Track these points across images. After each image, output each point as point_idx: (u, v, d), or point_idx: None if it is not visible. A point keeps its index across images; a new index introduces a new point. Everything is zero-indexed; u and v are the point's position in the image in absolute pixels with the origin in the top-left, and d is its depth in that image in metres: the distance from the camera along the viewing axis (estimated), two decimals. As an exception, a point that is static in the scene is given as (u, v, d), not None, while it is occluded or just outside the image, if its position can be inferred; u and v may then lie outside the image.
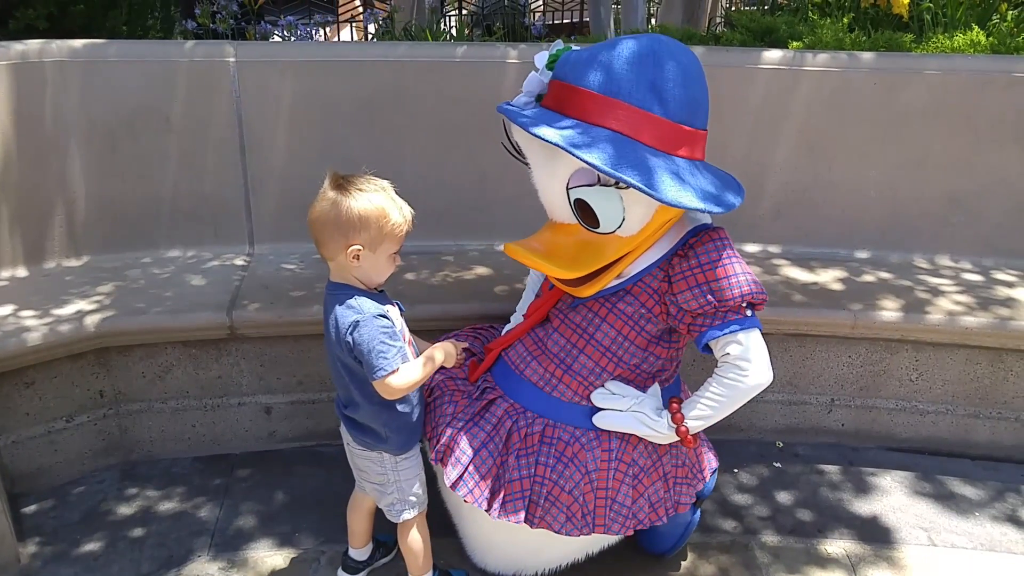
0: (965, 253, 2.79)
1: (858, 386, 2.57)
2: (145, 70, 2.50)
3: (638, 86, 1.51)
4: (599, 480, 1.77)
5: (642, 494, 1.81)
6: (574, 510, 1.75)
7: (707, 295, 1.64)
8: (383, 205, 1.59)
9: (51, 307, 2.27)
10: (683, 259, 1.68)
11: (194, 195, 2.61)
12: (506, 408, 1.82)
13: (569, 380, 1.79)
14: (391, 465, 1.80)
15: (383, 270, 1.68)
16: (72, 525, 2.22)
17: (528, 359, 1.84)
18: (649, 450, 1.81)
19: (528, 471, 1.75)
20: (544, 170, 1.64)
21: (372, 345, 1.60)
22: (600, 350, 1.76)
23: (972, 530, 2.30)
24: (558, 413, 1.80)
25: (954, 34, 2.98)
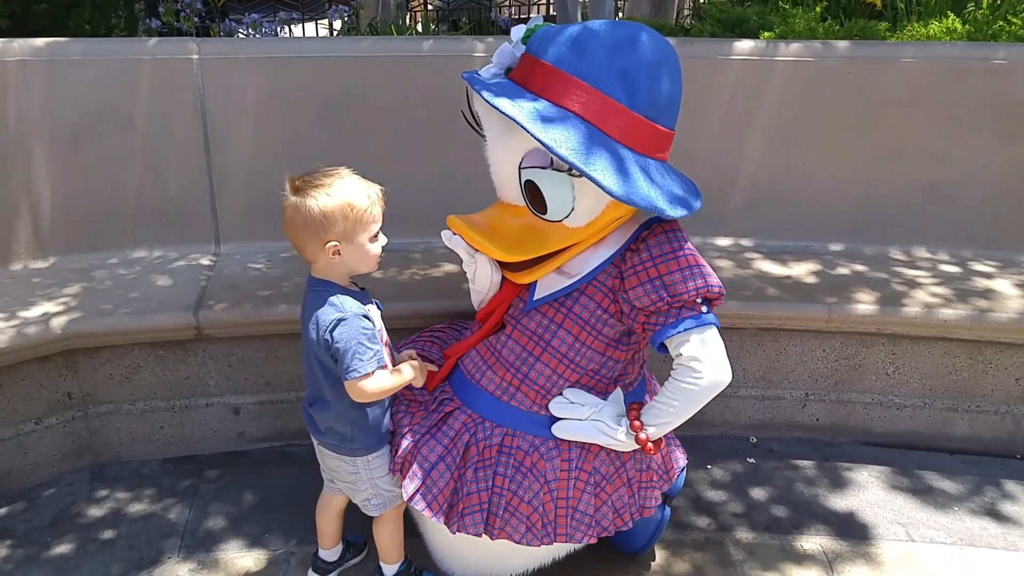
0: (942, 244, 2.76)
1: (833, 380, 2.55)
2: (108, 69, 2.48)
3: (607, 70, 1.45)
4: (559, 490, 1.72)
5: (605, 501, 1.77)
6: (534, 520, 1.71)
7: (659, 290, 1.56)
8: (343, 195, 1.56)
9: (17, 309, 2.26)
10: (635, 253, 1.61)
11: (159, 195, 2.59)
12: (464, 420, 1.78)
13: (527, 390, 1.74)
14: (362, 464, 1.79)
15: (368, 256, 1.65)
16: (42, 527, 2.21)
17: (483, 368, 1.80)
18: (611, 457, 1.77)
19: (486, 483, 1.71)
20: (498, 145, 1.59)
21: (350, 345, 1.59)
22: (557, 357, 1.71)
23: (951, 525, 2.27)
24: (517, 422, 1.75)
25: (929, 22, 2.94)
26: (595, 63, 1.45)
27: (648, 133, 1.50)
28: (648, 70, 1.47)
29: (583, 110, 1.46)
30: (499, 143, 1.58)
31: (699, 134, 2.67)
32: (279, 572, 2.06)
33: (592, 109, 1.46)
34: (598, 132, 1.46)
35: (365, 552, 2.08)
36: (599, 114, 1.46)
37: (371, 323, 1.65)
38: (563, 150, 1.39)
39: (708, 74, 2.63)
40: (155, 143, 2.55)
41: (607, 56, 1.45)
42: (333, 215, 1.55)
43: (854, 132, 2.66)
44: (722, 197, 2.74)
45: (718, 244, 2.78)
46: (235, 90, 2.55)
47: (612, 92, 1.46)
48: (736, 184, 2.73)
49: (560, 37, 1.50)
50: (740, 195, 2.74)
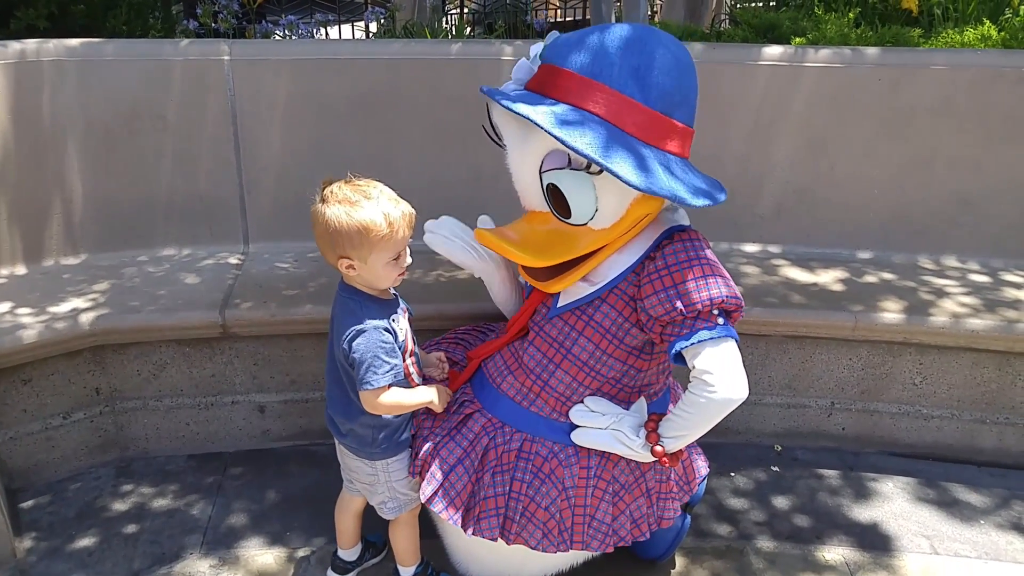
0: (973, 254, 2.72)
1: (859, 389, 2.52)
2: (141, 69, 2.51)
3: (620, 69, 1.47)
4: (577, 497, 1.72)
5: (623, 511, 1.76)
6: (550, 527, 1.71)
7: (673, 300, 1.53)
8: (361, 217, 1.53)
9: (48, 305, 2.29)
10: (652, 261, 1.60)
11: (189, 193, 2.62)
12: (483, 424, 1.78)
13: (547, 396, 1.74)
14: (381, 467, 1.80)
15: (383, 277, 1.63)
16: (68, 521, 2.24)
17: (505, 373, 1.80)
18: (632, 466, 1.75)
19: (503, 488, 1.71)
20: (518, 151, 1.59)
21: (366, 357, 1.59)
22: (578, 365, 1.70)
23: (976, 538, 2.24)
24: (536, 427, 1.75)
25: (964, 29, 2.91)
26: (608, 62, 1.47)
27: (666, 128, 1.51)
28: (659, 66, 1.48)
29: (602, 111, 1.47)
30: (518, 150, 1.58)
31: (728, 139, 2.66)
32: (299, 570, 2.08)
33: (611, 109, 1.47)
34: (618, 131, 1.46)
35: (384, 552, 2.09)
36: (617, 113, 1.47)
37: (392, 337, 1.64)
38: (579, 144, 1.40)
39: (737, 79, 2.62)
40: (186, 143, 2.58)
41: (619, 55, 1.47)
42: (348, 234, 1.54)
43: (884, 139, 2.63)
44: (750, 203, 2.72)
45: (745, 250, 2.76)
46: (265, 91, 2.57)
47: (625, 89, 1.47)
48: (764, 190, 2.71)
49: (573, 43, 1.52)
50: (768, 201, 2.72)
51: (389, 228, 1.55)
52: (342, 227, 1.53)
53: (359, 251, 1.56)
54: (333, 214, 1.53)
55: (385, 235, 1.54)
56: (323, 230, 1.56)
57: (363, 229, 1.53)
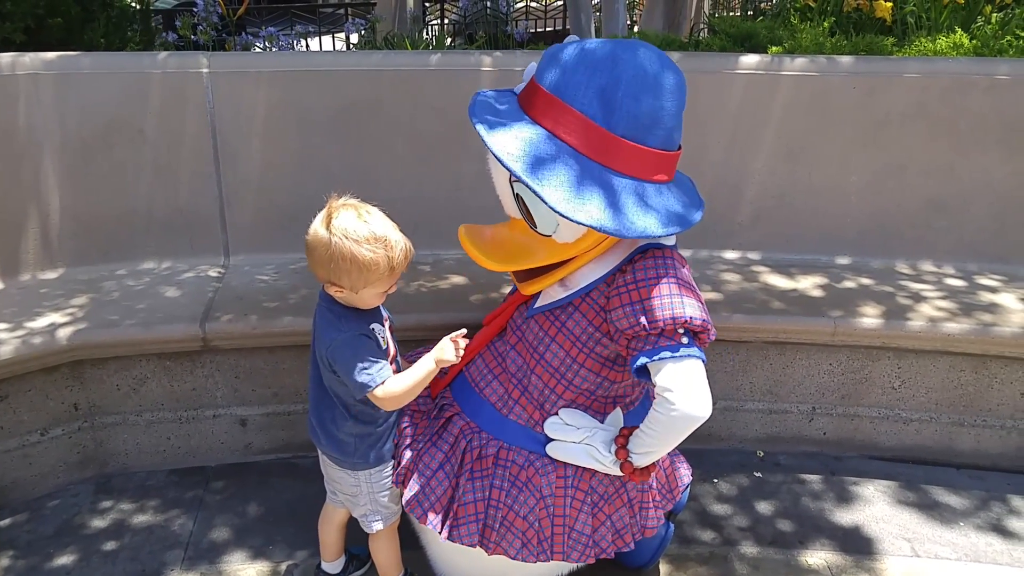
0: (948, 258, 2.76)
1: (840, 394, 2.54)
2: (119, 82, 2.49)
3: (587, 90, 1.42)
4: (555, 507, 1.71)
5: (603, 522, 1.75)
6: (529, 536, 1.70)
7: (639, 315, 1.52)
8: (366, 257, 1.52)
9: (24, 320, 2.27)
10: (623, 274, 1.58)
11: (169, 207, 2.60)
12: (461, 427, 1.78)
13: (525, 402, 1.74)
14: (364, 478, 1.79)
15: (367, 303, 1.64)
16: (46, 538, 2.21)
17: (488, 377, 1.80)
18: (610, 477, 1.74)
19: (482, 494, 1.70)
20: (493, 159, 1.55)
21: (355, 363, 1.59)
22: (550, 371, 1.70)
23: (956, 540, 2.26)
24: (513, 436, 1.74)
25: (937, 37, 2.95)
26: (575, 82, 1.43)
27: (635, 155, 1.44)
28: (625, 88, 1.42)
29: (574, 140, 1.44)
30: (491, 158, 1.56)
31: (706, 147, 2.68)
32: (283, 584, 2.07)
33: (580, 137, 1.43)
34: (590, 163, 1.43)
35: (369, 564, 2.07)
36: (586, 142, 1.43)
37: (372, 340, 1.64)
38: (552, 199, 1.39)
39: (715, 88, 2.64)
40: (165, 155, 2.56)
41: (587, 75, 1.43)
42: (348, 269, 1.53)
43: (860, 146, 2.67)
44: (729, 211, 2.74)
45: (725, 257, 2.79)
46: (245, 103, 2.56)
47: (589, 111, 1.42)
48: (743, 198, 2.73)
49: (555, 58, 1.50)
50: (747, 209, 2.74)
51: (390, 270, 1.57)
52: (344, 260, 1.52)
53: (354, 283, 1.57)
54: (336, 245, 1.52)
55: (384, 275, 1.57)
56: (322, 255, 1.55)
57: (364, 268, 1.53)
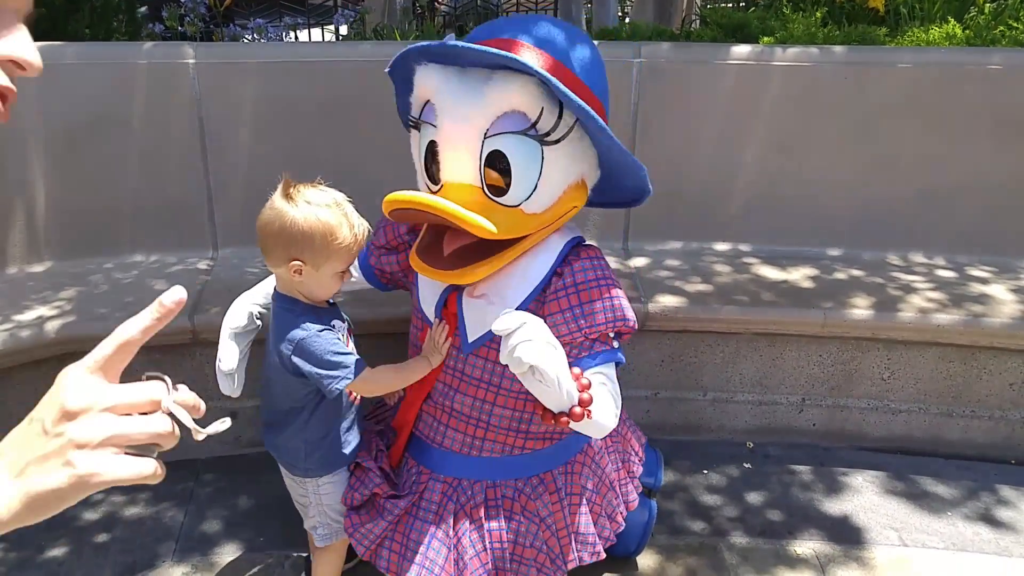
0: (939, 250, 2.76)
1: (829, 385, 2.55)
2: (103, 73, 2.47)
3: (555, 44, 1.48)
4: (557, 523, 1.70)
5: (600, 513, 1.77)
6: (541, 560, 1.68)
7: (578, 319, 1.50)
8: (331, 221, 1.49)
9: (12, 313, 2.26)
10: (559, 278, 1.55)
11: (156, 199, 2.59)
12: (442, 489, 1.70)
13: (493, 436, 1.68)
14: (312, 488, 1.76)
15: (327, 287, 1.59)
16: (37, 531, 2.21)
17: (440, 428, 1.71)
18: (592, 467, 1.75)
19: (482, 544, 1.66)
20: (463, 110, 1.42)
21: (323, 360, 1.53)
22: (514, 396, 1.62)
23: (944, 530, 2.28)
24: (493, 471, 1.70)
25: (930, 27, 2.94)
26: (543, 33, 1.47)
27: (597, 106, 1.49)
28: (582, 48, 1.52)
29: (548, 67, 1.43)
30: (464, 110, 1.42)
31: (697, 138, 2.67)
32: (273, 575, 2.07)
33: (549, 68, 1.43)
34: None
35: (357, 559, 2.07)
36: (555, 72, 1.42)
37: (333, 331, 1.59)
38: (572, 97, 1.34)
39: (706, 79, 2.63)
40: (152, 147, 2.54)
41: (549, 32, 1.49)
42: (311, 236, 1.48)
43: (852, 137, 2.66)
44: (720, 202, 2.74)
45: (716, 249, 2.78)
46: (232, 95, 2.54)
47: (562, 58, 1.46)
48: (734, 189, 2.72)
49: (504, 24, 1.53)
50: (738, 200, 2.74)
51: (353, 239, 1.52)
52: (307, 228, 1.47)
53: (316, 256, 1.51)
54: (301, 214, 1.48)
55: (347, 244, 1.51)
56: (282, 228, 1.48)
57: (328, 233, 1.48)
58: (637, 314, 2.33)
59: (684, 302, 2.41)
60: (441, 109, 1.44)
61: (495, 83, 1.40)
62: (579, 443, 1.78)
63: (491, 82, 1.41)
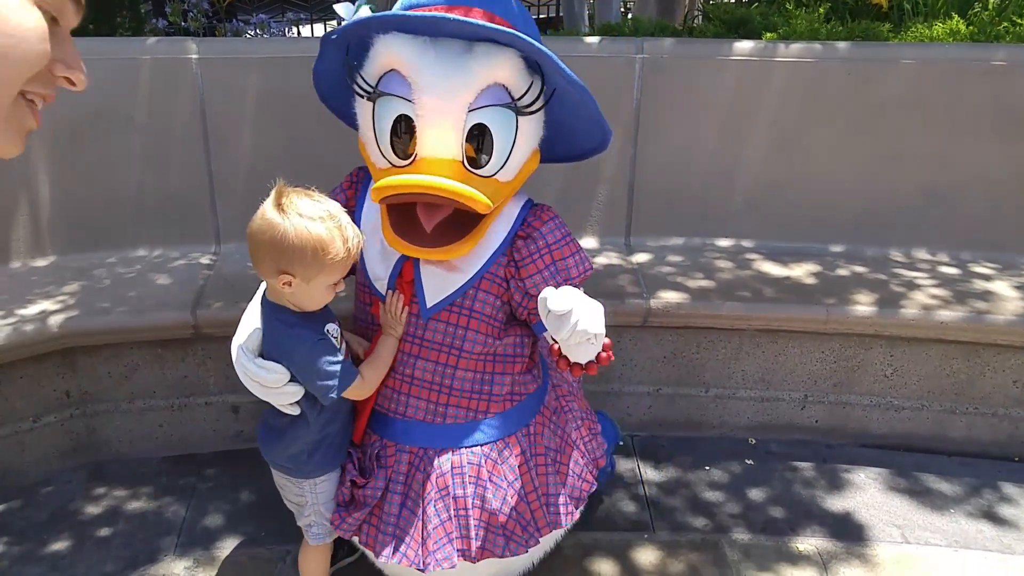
0: (942, 246, 2.75)
1: (832, 382, 2.54)
2: (107, 68, 2.47)
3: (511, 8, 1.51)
4: (525, 486, 1.70)
5: (568, 472, 1.77)
6: (510, 527, 1.66)
7: (555, 276, 1.60)
8: (323, 235, 1.43)
9: (16, 307, 2.26)
10: (529, 240, 1.61)
11: (159, 194, 2.59)
12: (408, 459, 1.69)
13: (456, 401, 1.68)
14: (309, 488, 1.75)
15: (317, 299, 1.55)
16: (40, 525, 2.22)
17: (401, 398, 1.70)
18: (552, 427, 1.77)
19: (447, 513, 1.64)
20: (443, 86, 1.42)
21: (321, 369, 1.52)
22: (475, 358, 1.66)
23: (947, 527, 2.27)
24: (458, 438, 1.69)
25: (933, 23, 2.93)
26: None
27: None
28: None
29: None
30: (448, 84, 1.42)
31: (699, 134, 2.67)
32: (274, 570, 2.08)
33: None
34: None
35: (360, 553, 2.07)
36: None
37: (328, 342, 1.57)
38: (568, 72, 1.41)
39: (708, 74, 2.62)
40: (155, 142, 2.54)
41: None
42: (303, 251, 1.43)
43: (854, 133, 2.65)
44: (722, 198, 2.73)
45: (718, 245, 2.77)
46: (235, 90, 2.54)
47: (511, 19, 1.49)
48: (736, 185, 2.72)
49: None
50: (740, 196, 2.73)
51: (346, 252, 1.47)
52: (299, 242, 1.42)
53: (307, 270, 1.46)
54: (292, 226, 1.42)
55: (341, 259, 1.47)
56: (271, 240, 1.44)
57: (320, 248, 1.43)
58: (639, 310, 2.37)
59: (686, 298, 2.40)
60: (421, 83, 1.43)
61: (479, 56, 1.42)
62: (538, 403, 1.80)
63: (473, 55, 1.42)
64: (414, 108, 1.44)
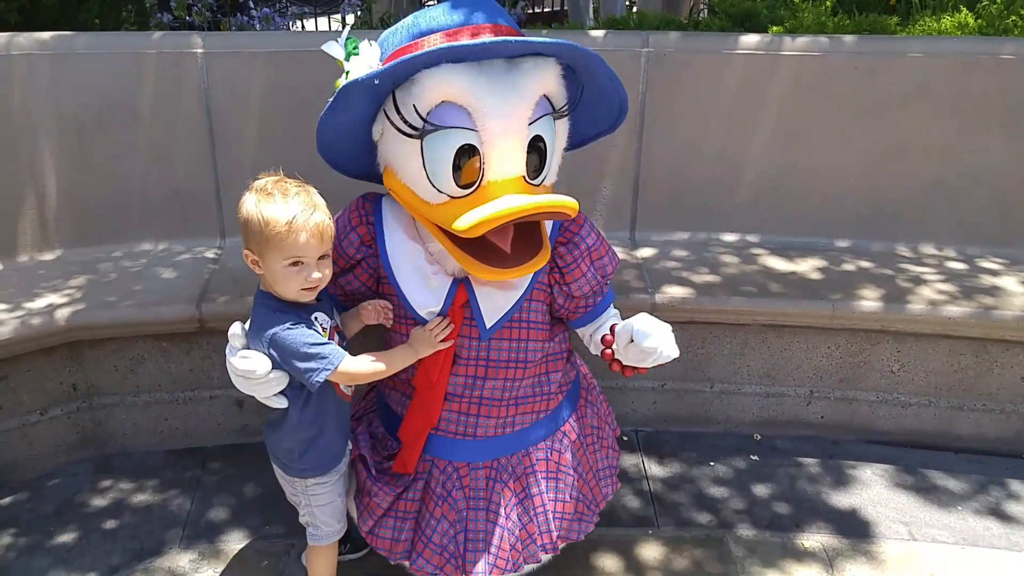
0: (949, 241, 2.73)
1: (838, 378, 2.53)
2: (113, 62, 2.48)
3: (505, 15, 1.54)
4: (583, 466, 1.81)
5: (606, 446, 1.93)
6: (581, 510, 1.79)
7: (596, 275, 1.69)
8: (265, 210, 1.47)
9: (23, 300, 2.28)
10: (571, 245, 1.66)
11: (165, 188, 2.60)
12: (484, 475, 1.74)
13: (523, 409, 1.75)
14: (301, 488, 1.77)
15: (281, 281, 1.53)
16: (46, 517, 2.23)
17: (471, 420, 1.72)
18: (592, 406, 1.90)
19: (528, 515, 1.73)
20: (505, 108, 1.41)
21: (298, 351, 1.51)
22: (534, 365, 1.71)
23: (954, 524, 2.26)
24: (524, 441, 1.77)
25: (942, 16, 2.91)
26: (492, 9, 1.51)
27: None
28: None
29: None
30: (508, 106, 1.42)
31: (705, 129, 2.65)
32: (279, 563, 2.09)
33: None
34: None
35: (367, 549, 2.08)
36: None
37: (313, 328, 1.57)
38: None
39: (714, 69, 2.61)
40: (160, 136, 2.55)
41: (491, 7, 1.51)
42: (250, 225, 1.49)
43: (861, 127, 2.63)
44: (728, 192, 2.72)
45: (724, 240, 2.76)
46: (240, 84, 2.54)
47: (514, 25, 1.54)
48: (742, 180, 2.70)
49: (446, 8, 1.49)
50: (746, 191, 2.72)
51: (287, 227, 1.47)
52: (249, 216, 1.50)
53: (258, 245, 1.51)
54: (245, 201, 1.52)
55: (280, 233, 1.47)
56: (239, 217, 1.54)
57: (262, 222, 1.47)
58: (644, 305, 2.37)
59: (691, 293, 2.40)
60: (483, 109, 1.41)
61: (526, 71, 1.43)
62: (579, 387, 1.92)
63: (521, 71, 1.43)
64: (478, 136, 1.42)
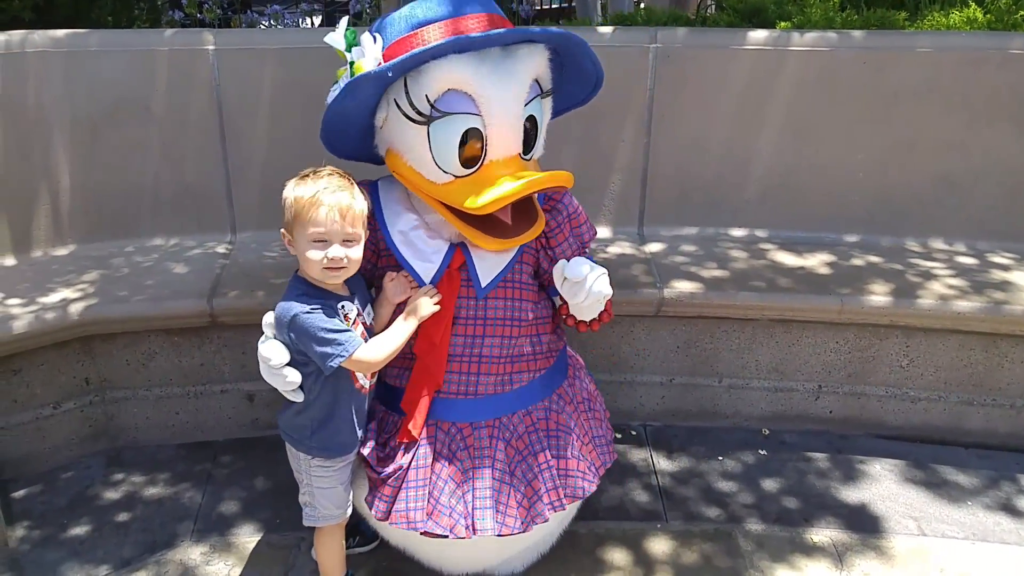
0: (958, 236, 2.73)
1: (847, 372, 2.53)
2: (126, 59, 2.51)
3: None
4: (580, 429, 1.87)
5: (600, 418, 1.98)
6: (583, 469, 1.83)
7: (577, 239, 1.80)
8: (299, 188, 1.59)
9: (36, 295, 2.30)
10: (555, 212, 1.78)
11: (176, 184, 2.62)
12: (488, 433, 1.78)
13: (520, 367, 1.81)
14: (305, 466, 1.78)
15: (306, 258, 1.59)
16: (59, 510, 2.25)
17: (472, 379, 1.76)
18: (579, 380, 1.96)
19: (532, 472, 1.77)
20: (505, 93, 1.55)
21: (316, 335, 1.57)
22: (528, 324, 1.79)
23: (964, 519, 2.25)
24: (524, 400, 1.81)
25: (950, 11, 2.90)
26: None
27: None
28: None
29: None
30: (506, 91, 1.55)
31: (713, 124, 2.66)
32: (289, 556, 2.10)
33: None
34: None
35: (377, 542, 2.09)
36: None
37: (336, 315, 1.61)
38: None
39: (722, 64, 2.61)
40: (172, 133, 2.58)
41: None
42: (286, 202, 1.61)
43: (869, 122, 2.63)
44: (736, 187, 2.72)
45: (732, 235, 2.76)
46: (251, 80, 2.57)
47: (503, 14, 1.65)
48: (750, 175, 2.71)
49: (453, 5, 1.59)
50: (754, 186, 2.72)
51: (309, 200, 1.56)
52: (285, 195, 1.61)
53: (290, 223, 1.61)
54: (287, 183, 1.62)
55: (304, 206, 1.56)
56: None
57: (293, 201, 1.59)
58: (652, 299, 2.38)
59: (700, 288, 2.40)
60: (486, 95, 1.54)
61: (521, 58, 1.56)
62: (567, 356, 1.98)
63: (516, 58, 1.56)
64: (482, 120, 1.56)
